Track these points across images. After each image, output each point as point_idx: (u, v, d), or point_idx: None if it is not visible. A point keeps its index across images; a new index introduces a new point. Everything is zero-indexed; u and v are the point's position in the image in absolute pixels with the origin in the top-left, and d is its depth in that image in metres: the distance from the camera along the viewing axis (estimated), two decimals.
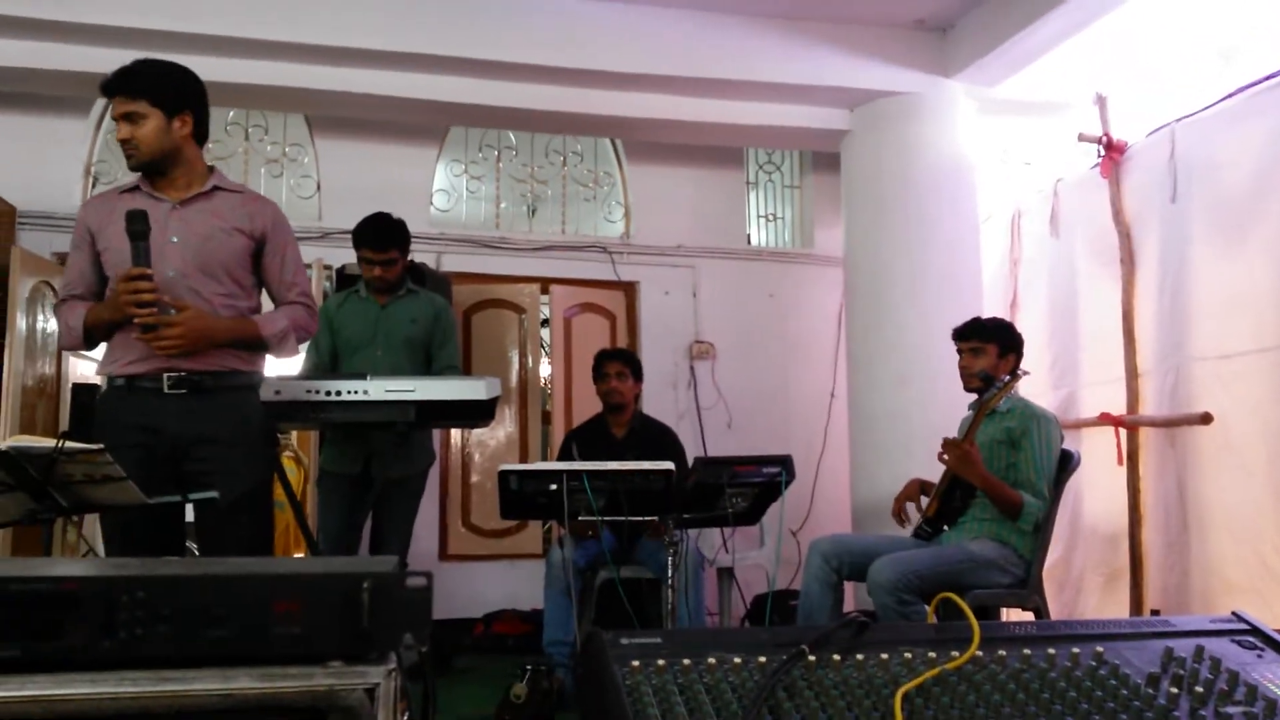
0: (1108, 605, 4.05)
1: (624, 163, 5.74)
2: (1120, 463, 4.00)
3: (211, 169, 2.69)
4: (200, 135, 2.65)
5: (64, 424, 4.75)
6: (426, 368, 3.85)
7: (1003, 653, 1.10)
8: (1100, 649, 1.11)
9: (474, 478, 5.21)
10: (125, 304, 2.40)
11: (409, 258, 3.95)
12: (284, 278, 2.69)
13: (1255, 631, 1.15)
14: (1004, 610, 3.37)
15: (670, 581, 3.13)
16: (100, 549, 5.73)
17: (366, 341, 3.79)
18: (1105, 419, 4.09)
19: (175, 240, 2.54)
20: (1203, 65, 4.06)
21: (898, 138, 4.70)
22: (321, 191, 5.28)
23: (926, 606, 2.92)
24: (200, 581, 1.02)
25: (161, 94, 2.54)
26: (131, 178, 2.69)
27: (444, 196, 5.55)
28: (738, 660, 1.09)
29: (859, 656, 1.10)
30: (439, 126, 5.37)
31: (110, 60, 4.02)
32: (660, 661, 1.08)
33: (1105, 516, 4.12)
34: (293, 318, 2.67)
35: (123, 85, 2.52)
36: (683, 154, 5.60)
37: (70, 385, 4.79)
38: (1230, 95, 3.63)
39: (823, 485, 5.47)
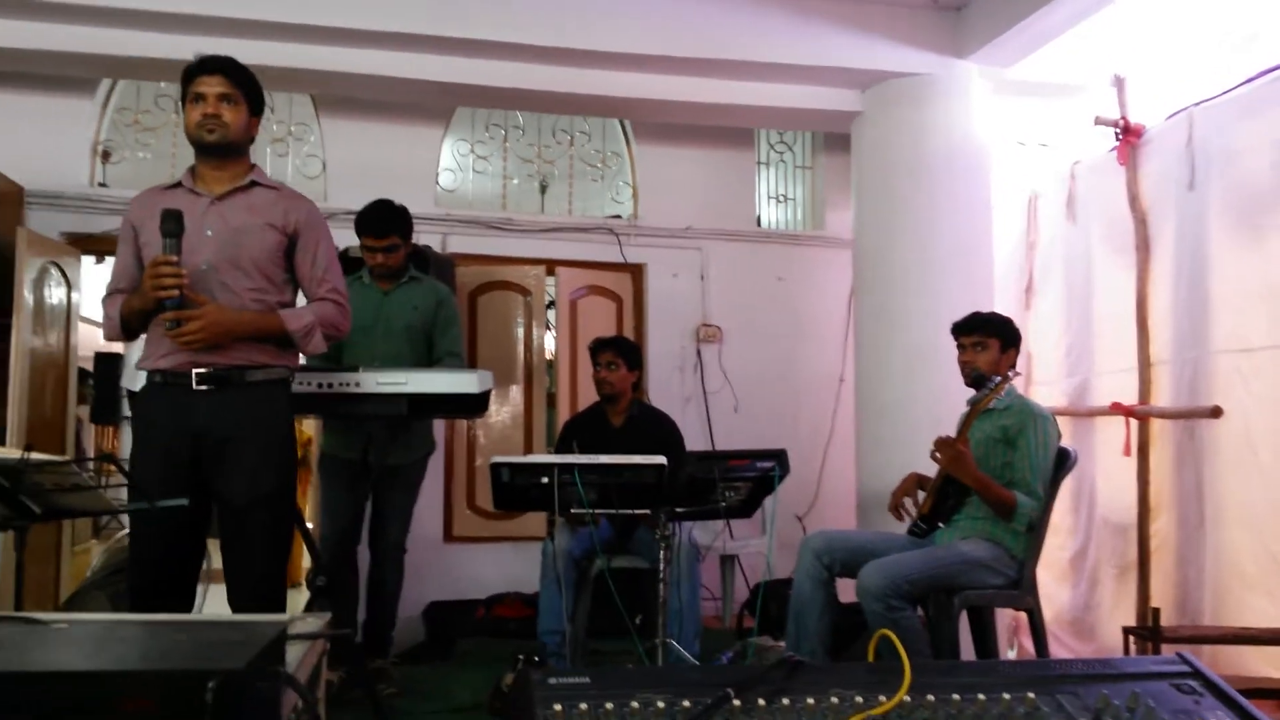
0: (1122, 598, 4.01)
1: (632, 143, 5.68)
2: (1127, 453, 3.93)
3: (252, 166, 2.72)
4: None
5: (72, 393, 4.84)
6: (429, 354, 3.85)
7: (931, 697, 1.07)
8: (1032, 695, 1.07)
9: (478, 460, 5.22)
10: (149, 288, 2.45)
11: (412, 243, 3.94)
12: (315, 274, 2.71)
13: (1197, 675, 1.12)
14: (997, 611, 3.34)
15: (662, 575, 3.13)
16: None
17: (368, 329, 3.78)
18: (1116, 409, 4.02)
19: (209, 234, 2.57)
20: (1223, 49, 3.93)
21: (910, 119, 4.60)
22: (327, 171, 5.27)
23: (916, 611, 2.89)
24: (47, 680, 0.99)
25: (253, 92, 2.66)
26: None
27: (450, 176, 5.51)
28: (661, 704, 1.07)
29: (785, 701, 1.07)
30: (445, 107, 5.33)
31: (117, 41, 4.08)
32: (583, 705, 1.06)
33: (1118, 508, 4.07)
34: (320, 314, 2.68)
35: (227, 68, 2.61)
36: (692, 134, 5.52)
37: (77, 355, 4.86)
38: (1249, 80, 3.51)
39: (830, 470, 5.44)
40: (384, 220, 3.74)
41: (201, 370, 2.52)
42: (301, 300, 2.79)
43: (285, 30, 4.10)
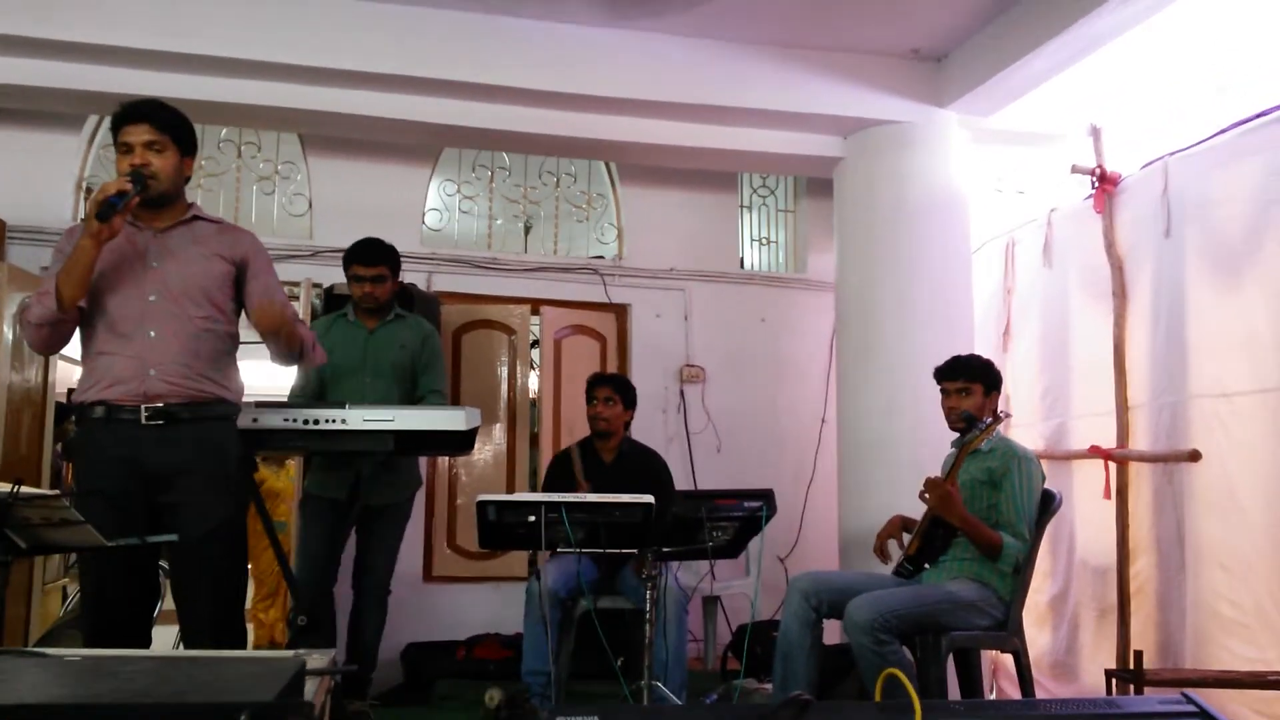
0: (1102, 641, 4.01)
1: (617, 184, 5.73)
2: (1106, 496, 3.96)
3: (190, 204, 2.73)
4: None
5: (49, 432, 4.76)
6: (413, 392, 3.84)
7: None
8: None
9: (460, 499, 5.18)
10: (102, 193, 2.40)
11: (399, 280, 3.95)
12: (273, 298, 2.71)
13: (1203, 714, 1.13)
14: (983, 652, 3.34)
15: (648, 615, 3.11)
16: None
17: (355, 368, 3.78)
18: (1094, 451, 4.06)
19: (155, 265, 2.57)
20: (1198, 98, 4.03)
21: (890, 166, 4.68)
22: (314, 210, 5.27)
23: (903, 647, 2.89)
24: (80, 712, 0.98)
25: (182, 134, 2.62)
26: None
27: (436, 215, 5.54)
28: None
29: None
30: (432, 147, 5.36)
31: (106, 78, 4.08)
32: None
33: (1097, 551, 4.09)
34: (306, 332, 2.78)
35: (152, 115, 2.56)
36: (676, 176, 5.59)
37: (55, 391, 4.80)
38: (1223, 131, 3.60)
39: (812, 511, 5.45)
40: (373, 249, 3.79)
41: (152, 406, 2.51)
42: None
43: (274, 70, 4.12)
